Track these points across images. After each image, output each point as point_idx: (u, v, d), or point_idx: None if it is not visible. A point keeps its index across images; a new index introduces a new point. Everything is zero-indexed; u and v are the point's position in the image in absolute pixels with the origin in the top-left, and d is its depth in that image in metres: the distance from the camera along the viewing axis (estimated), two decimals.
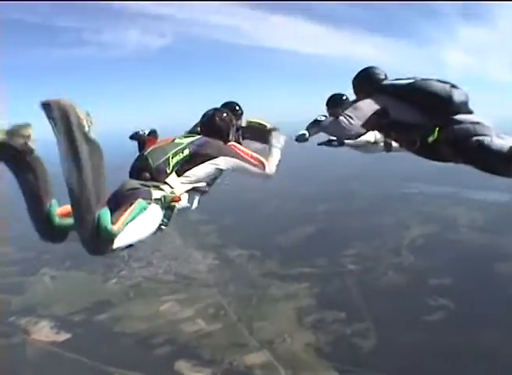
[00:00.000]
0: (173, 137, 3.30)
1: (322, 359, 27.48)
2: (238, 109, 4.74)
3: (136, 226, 2.51)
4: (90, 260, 35.01)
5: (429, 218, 48.77)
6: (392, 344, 27.67)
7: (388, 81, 4.06)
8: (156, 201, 2.79)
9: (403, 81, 3.93)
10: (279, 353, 28.34)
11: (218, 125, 3.54)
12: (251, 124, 4.75)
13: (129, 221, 2.43)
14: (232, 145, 3.42)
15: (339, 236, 44.93)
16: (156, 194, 2.82)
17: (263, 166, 3.35)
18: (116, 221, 2.31)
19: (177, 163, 3.05)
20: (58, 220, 2.38)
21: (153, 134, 3.61)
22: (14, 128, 2.22)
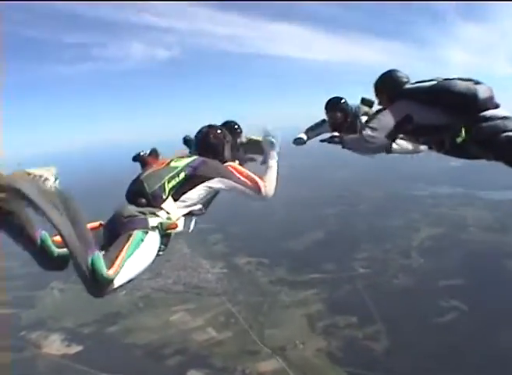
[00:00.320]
0: (170, 159, 3.29)
1: (335, 364, 27.30)
2: (237, 128, 4.89)
3: (134, 262, 2.52)
4: None
5: (438, 219, 48.46)
6: (404, 346, 27.46)
7: (410, 85, 4.06)
8: (153, 228, 2.80)
9: (425, 84, 3.93)
10: (291, 359, 28.18)
11: (212, 142, 3.56)
12: (250, 140, 4.92)
13: (126, 258, 2.44)
14: (229, 166, 3.40)
15: (348, 240, 44.78)
16: (153, 221, 2.82)
17: (259, 188, 3.29)
18: (112, 264, 2.32)
19: (173, 188, 3.05)
20: (57, 252, 2.39)
21: (154, 154, 3.65)
22: None
